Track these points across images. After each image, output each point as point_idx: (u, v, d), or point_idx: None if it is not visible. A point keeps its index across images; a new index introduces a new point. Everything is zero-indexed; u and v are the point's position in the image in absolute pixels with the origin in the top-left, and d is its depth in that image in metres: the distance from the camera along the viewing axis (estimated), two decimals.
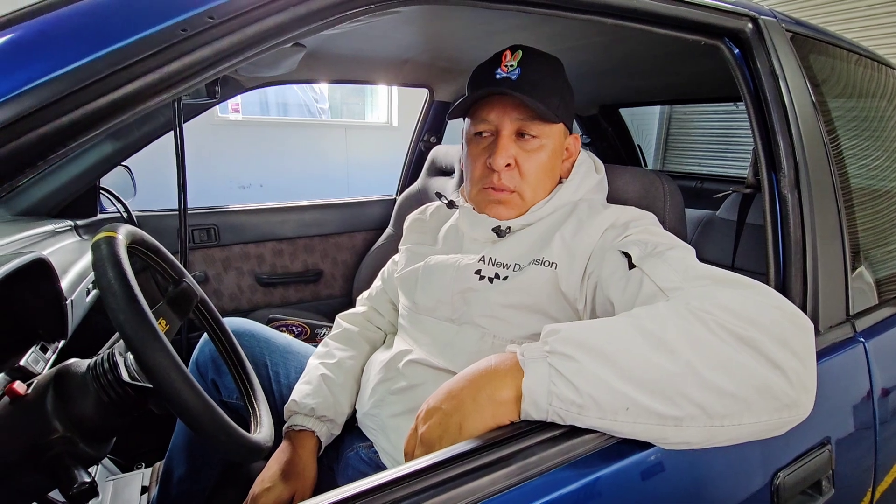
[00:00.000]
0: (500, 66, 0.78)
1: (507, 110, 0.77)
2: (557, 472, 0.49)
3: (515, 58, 0.77)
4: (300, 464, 0.80)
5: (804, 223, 0.76)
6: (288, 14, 0.42)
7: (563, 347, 0.50)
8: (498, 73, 0.77)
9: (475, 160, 0.82)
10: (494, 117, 0.78)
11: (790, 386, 0.48)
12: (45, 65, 0.33)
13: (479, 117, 0.80)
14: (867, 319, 0.84)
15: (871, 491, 0.81)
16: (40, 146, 0.33)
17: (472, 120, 0.81)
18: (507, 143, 0.77)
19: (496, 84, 0.77)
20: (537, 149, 0.79)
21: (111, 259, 0.52)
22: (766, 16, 0.84)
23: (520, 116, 0.77)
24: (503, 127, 0.78)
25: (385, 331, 1.01)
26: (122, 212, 1.48)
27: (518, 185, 0.79)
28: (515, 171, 0.79)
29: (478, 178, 0.82)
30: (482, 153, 0.80)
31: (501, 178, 0.78)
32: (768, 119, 0.79)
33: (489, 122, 0.79)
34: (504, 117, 0.77)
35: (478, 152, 0.81)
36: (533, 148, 0.78)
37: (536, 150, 0.79)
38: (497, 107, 0.78)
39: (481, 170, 0.81)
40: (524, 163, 0.78)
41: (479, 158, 0.81)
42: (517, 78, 0.76)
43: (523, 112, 0.77)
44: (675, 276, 0.57)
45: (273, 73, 1.34)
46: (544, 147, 0.79)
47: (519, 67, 0.76)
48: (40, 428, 0.53)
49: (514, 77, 0.76)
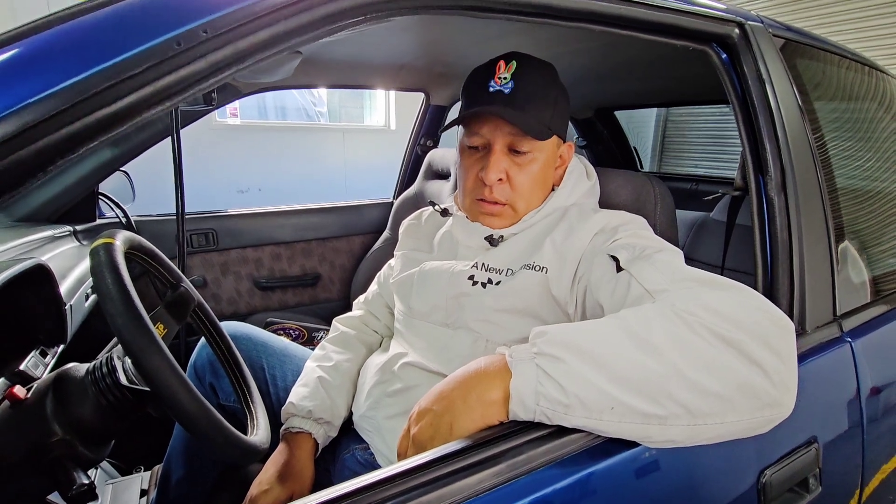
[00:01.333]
0: (493, 77, 0.77)
1: (498, 125, 0.77)
2: (544, 470, 0.50)
3: (509, 69, 0.76)
4: (297, 466, 0.81)
5: (791, 225, 0.77)
6: (280, 27, 0.43)
7: (550, 349, 0.51)
8: (491, 85, 0.77)
9: (468, 171, 0.82)
10: (487, 132, 0.78)
11: (772, 385, 0.49)
12: (44, 80, 0.34)
13: (472, 130, 0.80)
14: (854, 319, 0.85)
15: (859, 489, 0.82)
16: (40, 159, 0.34)
17: (466, 132, 0.81)
18: (499, 158, 0.77)
19: (488, 99, 0.76)
20: (529, 162, 0.78)
21: (109, 265, 0.53)
22: (753, 21, 0.85)
23: (511, 132, 0.76)
24: (495, 142, 0.77)
25: (381, 334, 1.02)
26: (120, 217, 1.49)
27: (510, 197, 0.79)
28: (507, 185, 0.79)
29: (470, 189, 0.82)
30: (474, 164, 0.81)
31: (493, 192, 0.78)
32: (755, 122, 0.80)
33: (482, 136, 0.79)
34: (496, 132, 0.77)
35: (470, 164, 0.81)
36: (525, 162, 0.78)
37: (528, 164, 0.78)
38: (489, 121, 0.77)
39: (473, 181, 0.81)
40: (516, 176, 0.78)
41: (471, 170, 0.81)
42: (510, 92, 0.75)
43: (515, 128, 0.76)
44: (662, 279, 0.58)
45: (270, 79, 1.35)
46: (536, 160, 0.79)
47: (512, 80, 0.76)
48: (40, 431, 0.54)
49: (507, 91, 0.75)
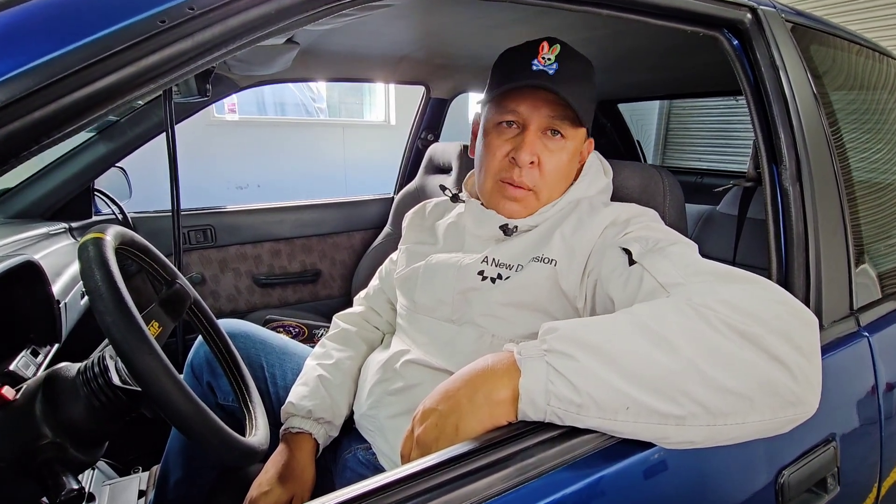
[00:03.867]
0: (536, 56, 0.73)
1: (538, 105, 0.74)
2: (557, 473, 0.48)
3: (553, 51, 0.73)
4: (298, 467, 0.79)
5: (806, 216, 0.75)
6: (272, 5, 0.40)
7: (561, 345, 0.49)
8: (535, 64, 0.73)
9: (495, 150, 0.78)
10: (525, 110, 0.75)
11: (795, 382, 0.46)
12: (14, 59, 0.32)
13: (507, 107, 0.76)
14: (871, 313, 0.83)
15: (876, 487, 0.80)
16: (10, 143, 0.31)
17: (498, 109, 0.77)
18: (534, 139, 0.75)
19: (533, 76, 0.73)
20: (561, 149, 0.76)
21: (98, 261, 0.51)
22: (766, 6, 0.82)
23: (551, 114, 0.74)
24: (532, 121, 0.75)
25: (383, 330, 1.00)
26: (117, 213, 1.48)
27: (537, 183, 0.76)
28: (536, 170, 0.76)
29: (496, 170, 0.78)
30: (504, 144, 0.77)
31: (522, 175, 0.75)
32: (769, 111, 0.78)
33: (518, 114, 0.75)
34: (535, 112, 0.74)
35: (500, 143, 0.77)
36: (557, 147, 0.76)
37: (560, 151, 0.76)
38: (528, 99, 0.74)
39: (501, 161, 0.77)
40: (547, 161, 0.76)
41: (500, 149, 0.77)
42: (554, 73, 0.72)
43: (555, 110, 0.74)
44: (676, 272, 0.56)
45: (267, 71, 1.33)
46: (566, 148, 0.76)
47: (557, 62, 0.73)
48: (29, 433, 0.52)
49: (552, 72, 0.72)
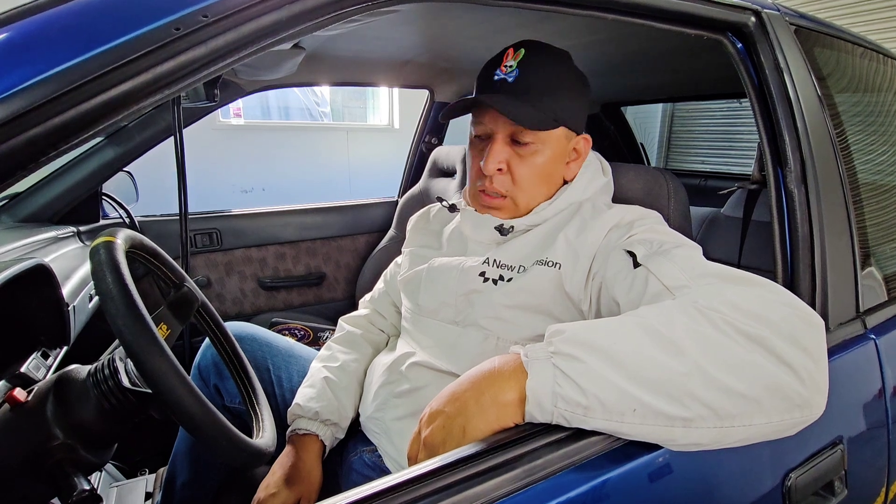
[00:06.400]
0: (499, 66, 0.76)
1: (499, 115, 0.75)
2: (563, 475, 0.48)
3: (516, 57, 0.75)
4: (304, 468, 0.79)
5: (811, 218, 0.75)
6: (283, 12, 0.41)
7: (567, 348, 0.49)
8: (497, 74, 0.76)
9: (474, 161, 0.81)
10: (488, 121, 0.77)
11: (802, 385, 0.46)
12: (35, 66, 0.32)
13: (477, 120, 0.79)
14: (878, 316, 0.83)
15: (884, 490, 0.79)
16: (31, 149, 0.32)
17: (472, 122, 0.81)
18: (500, 148, 0.76)
19: (491, 87, 0.76)
20: (532, 154, 0.76)
21: (109, 264, 0.52)
22: (769, 9, 0.83)
23: (511, 122, 0.75)
24: (497, 131, 0.76)
25: (388, 333, 1.00)
26: (124, 217, 1.49)
27: (510, 189, 0.78)
28: (507, 176, 0.77)
29: (473, 181, 0.82)
30: (478, 155, 0.80)
31: (493, 183, 0.77)
32: (773, 113, 0.78)
33: (484, 126, 0.78)
34: (497, 122, 0.76)
35: (475, 154, 0.81)
36: (527, 153, 0.76)
37: (531, 155, 0.76)
38: (491, 111, 0.76)
39: (476, 171, 0.80)
40: (517, 168, 0.77)
41: (475, 160, 0.81)
42: (514, 80, 0.74)
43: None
44: (682, 275, 0.56)
45: (273, 76, 1.34)
46: (539, 152, 0.77)
47: (518, 69, 0.74)
48: (40, 435, 0.53)
49: (511, 79, 0.74)
